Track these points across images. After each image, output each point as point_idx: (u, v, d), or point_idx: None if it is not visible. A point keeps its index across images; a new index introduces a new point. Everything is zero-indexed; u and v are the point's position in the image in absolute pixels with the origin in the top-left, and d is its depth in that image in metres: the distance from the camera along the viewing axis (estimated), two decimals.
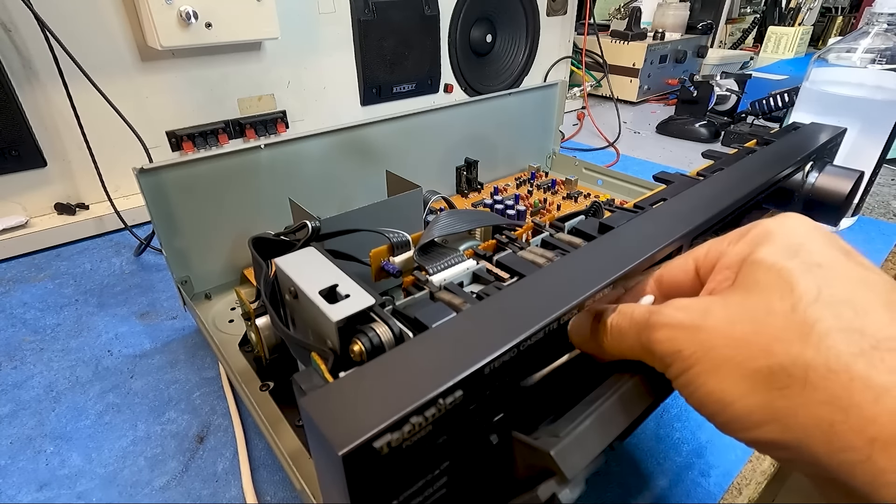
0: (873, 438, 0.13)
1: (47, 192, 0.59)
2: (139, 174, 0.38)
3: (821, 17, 1.65)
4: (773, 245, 0.18)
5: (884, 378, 0.14)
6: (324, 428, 0.14)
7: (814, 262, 0.16)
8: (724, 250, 0.19)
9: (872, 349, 0.14)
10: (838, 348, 0.14)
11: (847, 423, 0.14)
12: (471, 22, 0.87)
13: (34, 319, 0.46)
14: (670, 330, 0.17)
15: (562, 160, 0.69)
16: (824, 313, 0.15)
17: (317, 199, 0.48)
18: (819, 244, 0.17)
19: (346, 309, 0.22)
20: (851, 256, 0.17)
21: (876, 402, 0.13)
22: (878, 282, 0.16)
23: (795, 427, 0.15)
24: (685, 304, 0.18)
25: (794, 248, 0.17)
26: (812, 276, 0.16)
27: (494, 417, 0.19)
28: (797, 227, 0.18)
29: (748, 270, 0.17)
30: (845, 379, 0.14)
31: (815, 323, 0.15)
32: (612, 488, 0.30)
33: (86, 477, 0.32)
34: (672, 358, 0.17)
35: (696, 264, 0.20)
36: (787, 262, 0.17)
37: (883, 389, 0.14)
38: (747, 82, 0.95)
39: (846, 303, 0.15)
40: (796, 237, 0.18)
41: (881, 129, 0.51)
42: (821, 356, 0.14)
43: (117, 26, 0.57)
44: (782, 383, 0.15)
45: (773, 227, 0.18)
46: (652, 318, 0.18)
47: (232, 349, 0.38)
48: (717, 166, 0.36)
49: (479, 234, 0.34)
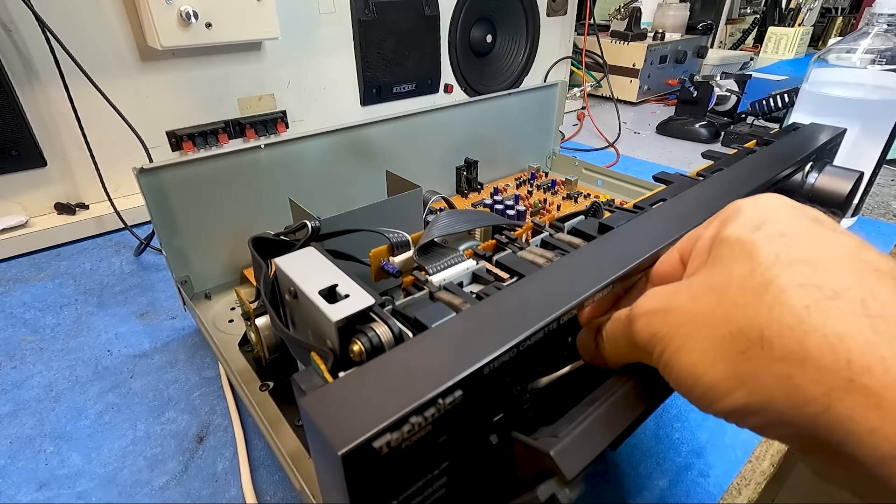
0: (831, 388, 0.13)
1: (47, 191, 0.59)
2: (139, 174, 0.38)
3: (821, 17, 1.65)
4: (740, 221, 0.18)
5: (838, 326, 0.13)
6: (323, 428, 0.14)
7: (777, 231, 0.17)
8: (700, 234, 0.20)
9: (829, 300, 0.14)
10: (792, 303, 0.14)
11: (804, 376, 0.14)
12: (471, 22, 0.87)
13: (34, 319, 0.46)
14: (646, 317, 0.18)
15: (562, 160, 0.69)
16: (781, 272, 0.15)
17: (317, 199, 0.48)
18: (786, 215, 0.17)
19: (345, 309, 0.22)
20: (821, 222, 0.17)
21: (831, 351, 0.13)
22: (846, 242, 0.16)
23: (759, 388, 0.15)
24: (657, 290, 0.19)
25: (760, 221, 0.17)
26: (773, 243, 0.16)
27: (494, 417, 0.19)
28: (766, 203, 0.18)
29: (716, 249, 0.18)
30: (799, 332, 0.14)
31: (770, 282, 0.15)
32: (612, 488, 0.30)
33: (85, 477, 0.32)
34: (651, 343, 0.18)
35: (680, 254, 0.21)
36: (750, 235, 0.17)
37: (837, 338, 0.13)
38: (747, 83, 0.95)
39: (805, 262, 0.15)
40: (764, 212, 0.18)
41: (881, 129, 0.51)
42: (774, 313, 0.14)
43: (117, 26, 0.57)
44: (742, 347, 0.15)
45: (742, 204, 0.19)
46: (632, 312, 0.19)
47: (232, 349, 0.38)
48: (717, 167, 0.36)
49: (478, 235, 0.34)
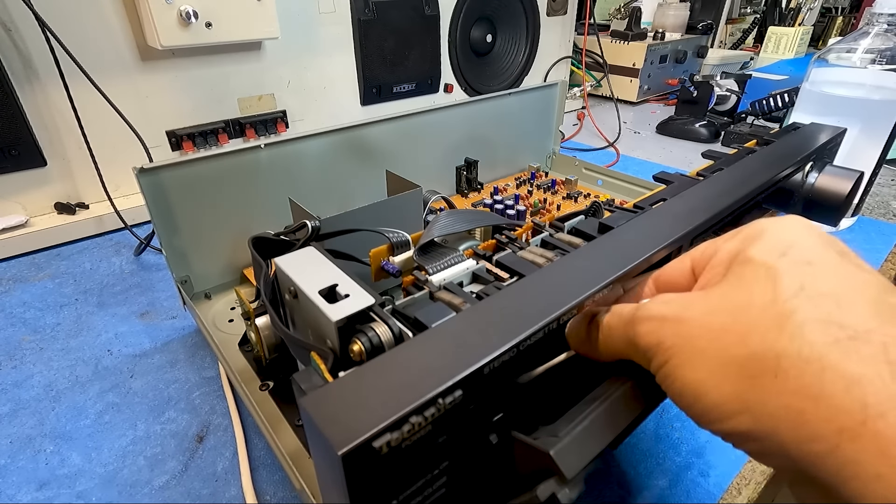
0: (841, 428, 0.13)
1: (47, 191, 0.59)
2: (139, 174, 0.38)
3: (821, 17, 1.65)
4: (764, 243, 0.17)
5: (857, 368, 0.13)
6: (323, 428, 0.14)
7: (803, 259, 0.16)
8: (718, 247, 0.19)
9: (849, 339, 0.14)
10: (813, 338, 0.14)
11: (816, 413, 0.14)
12: (471, 22, 0.87)
13: (34, 319, 0.46)
14: (653, 322, 0.18)
15: (562, 160, 0.69)
16: (804, 305, 0.15)
17: (317, 199, 0.48)
18: (811, 243, 0.17)
19: (345, 309, 0.22)
20: (847, 257, 0.17)
21: (847, 392, 0.13)
22: (870, 281, 0.16)
23: (765, 417, 0.14)
24: (669, 297, 0.18)
25: (785, 246, 0.17)
26: (798, 272, 0.16)
27: (494, 417, 0.19)
28: (792, 227, 0.18)
29: (737, 267, 0.17)
30: (817, 368, 0.14)
31: (792, 313, 0.15)
32: (612, 488, 0.30)
33: (85, 476, 0.32)
34: (653, 350, 0.17)
35: (693, 263, 0.20)
36: (775, 260, 0.16)
37: (855, 379, 0.13)
38: (747, 82, 0.95)
39: (829, 296, 0.15)
40: (789, 236, 0.18)
41: (881, 129, 0.51)
42: (794, 345, 0.14)
43: (117, 26, 0.57)
44: (754, 372, 0.15)
45: (767, 225, 0.18)
46: (637, 312, 0.18)
47: (232, 349, 0.38)
48: (717, 166, 0.36)
49: (478, 234, 0.34)
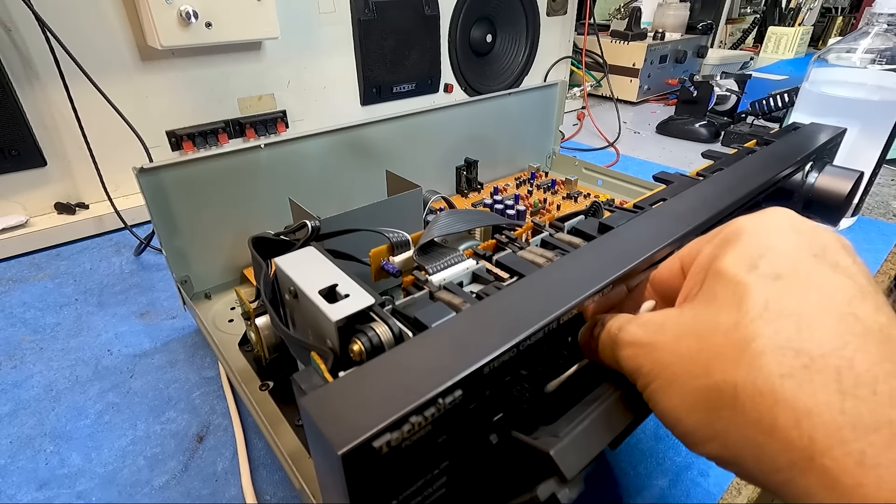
0: (792, 462, 0.13)
1: (47, 191, 0.59)
2: (139, 174, 0.38)
3: (821, 17, 1.65)
4: (737, 252, 0.17)
5: (808, 400, 0.13)
6: (323, 427, 0.14)
7: (773, 272, 0.16)
8: (701, 248, 0.19)
9: (804, 368, 0.14)
10: (768, 369, 0.14)
11: (771, 445, 0.14)
12: (471, 22, 0.87)
13: (34, 319, 0.46)
14: (633, 347, 0.18)
15: (562, 160, 0.69)
16: (764, 330, 0.15)
17: (317, 199, 0.48)
18: (786, 249, 0.16)
19: (345, 308, 0.22)
20: (823, 258, 0.16)
21: (796, 427, 0.13)
22: (842, 287, 0.15)
23: (730, 446, 0.15)
24: (647, 319, 0.18)
25: (757, 256, 0.16)
26: (765, 289, 0.15)
27: (494, 417, 0.19)
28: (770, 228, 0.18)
29: (710, 281, 0.17)
30: (770, 401, 0.14)
31: (752, 341, 0.15)
32: (612, 488, 0.30)
33: (85, 476, 0.32)
34: (635, 375, 0.18)
35: (681, 262, 0.20)
36: (744, 276, 0.16)
37: (804, 412, 0.13)
38: (747, 82, 0.95)
39: (791, 317, 0.15)
40: (764, 241, 0.17)
41: (881, 129, 0.51)
42: (750, 377, 0.14)
43: (117, 26, 0.57)
44: (717, 403, 0.15)
45: (746, 226, 0.18)
46: (620, 335, 0.19)
47: (232, 349, 0.38)
48: (717, 166, 0.36)
49: (478, 234, 0.34)
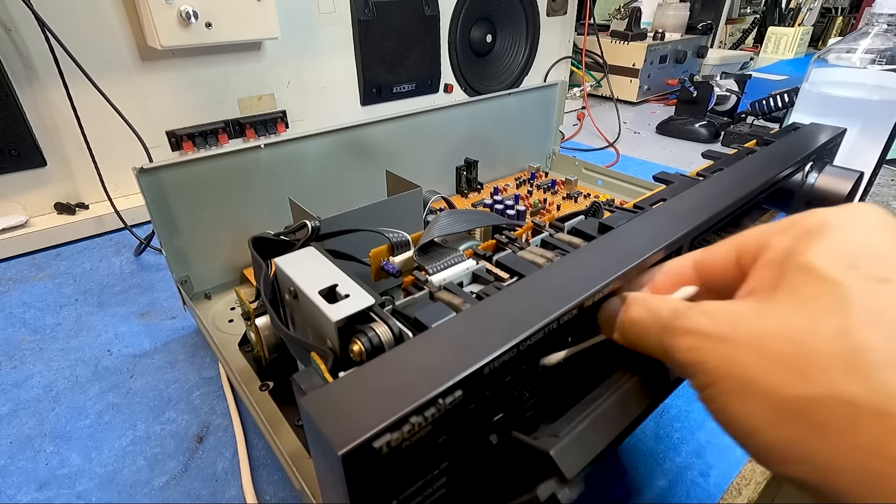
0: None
1: (47, 191, 0.59)
2: (139, 174, 0.38)
3: (821, 17, 1.65)
4: (827, 247, 0.15)
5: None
6: (323, 428, 0.14)
7: (876, 275, 0.14)
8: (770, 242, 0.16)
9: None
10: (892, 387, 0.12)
11: None
12: (471, 22, 0.87)
13: (34, 319, 0.46)
14: (694, 338, 0.15)
15: (562, 160, 0.69)
16: (877, 340, 0.12)
17: (317, 199, 0.48)
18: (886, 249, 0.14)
19: (345, 309, 0.21)
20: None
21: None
22: None
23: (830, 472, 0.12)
24: (715, 308, 0.16)
25: (854, 254, 0.14)
26: (871, 294, 0.13)
27: (494, 417, 0.19)
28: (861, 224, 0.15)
29: (794, 276, 0.15)
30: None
31: (866, 352, 0.12)
32: (612, 488, 0.30)
33: (85, 476, 0.32)
34: (694, 369, 0.15)
35: (738, 253, 0.18)
36: (842, 275, 0.14)
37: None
38: (747, 83, 0.95)
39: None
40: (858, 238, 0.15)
41: (881, 129, 0.51)
42: (867, 393, 0.12)
43: (117, 26, 0.57)
44: (818, 420, 0.12)
45: (830, 219, 0.15)
46: (676, 321, 0.16)
47: (232, 349, 0.38)
48: (717, 166, 0.36)
49: (478, 234, 0.34)
